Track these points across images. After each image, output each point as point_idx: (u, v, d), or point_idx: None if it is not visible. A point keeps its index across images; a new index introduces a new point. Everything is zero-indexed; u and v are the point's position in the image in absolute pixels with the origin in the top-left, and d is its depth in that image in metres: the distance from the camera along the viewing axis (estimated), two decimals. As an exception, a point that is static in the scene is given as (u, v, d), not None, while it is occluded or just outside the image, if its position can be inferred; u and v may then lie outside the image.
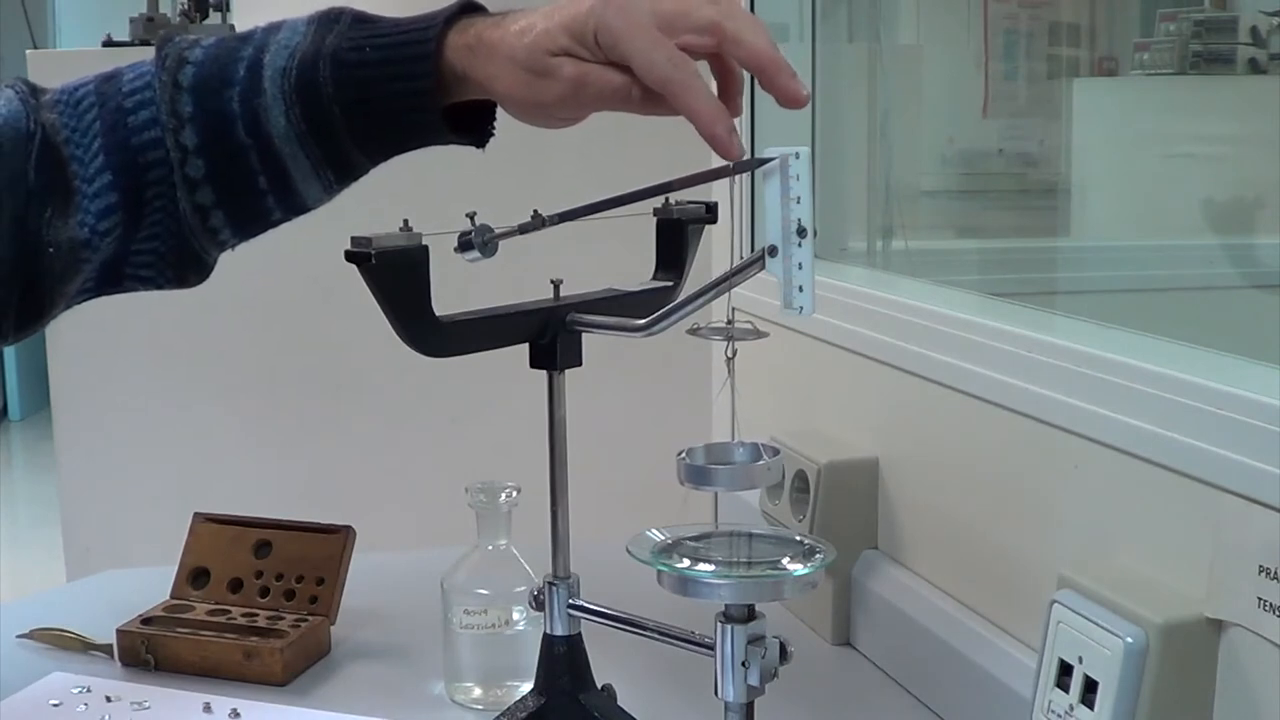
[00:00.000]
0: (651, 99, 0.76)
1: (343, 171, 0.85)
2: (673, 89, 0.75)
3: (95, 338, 1.88)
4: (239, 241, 0.88)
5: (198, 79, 0.83)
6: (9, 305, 0.84)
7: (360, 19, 0.82)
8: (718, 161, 0.76)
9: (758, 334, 0.80)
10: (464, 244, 0.80)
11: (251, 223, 0.87)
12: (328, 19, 0.83)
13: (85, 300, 0.89)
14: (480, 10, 0.82)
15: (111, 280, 0.88)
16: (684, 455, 0.78)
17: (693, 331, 0.81)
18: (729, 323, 0.80)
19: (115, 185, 0.84)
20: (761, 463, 0.78)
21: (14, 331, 0.85)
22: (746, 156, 0.76)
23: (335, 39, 0.81)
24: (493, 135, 0.85)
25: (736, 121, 0.78)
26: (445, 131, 0.82)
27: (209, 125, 0.83)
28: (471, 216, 0.80)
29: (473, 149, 0.85)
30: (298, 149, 0.83)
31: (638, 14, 0.76)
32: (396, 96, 0.80)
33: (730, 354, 0.80)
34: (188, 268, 0.88)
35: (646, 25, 0.75)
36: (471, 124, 0.84)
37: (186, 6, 2.19)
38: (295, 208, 0.86)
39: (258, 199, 0.85)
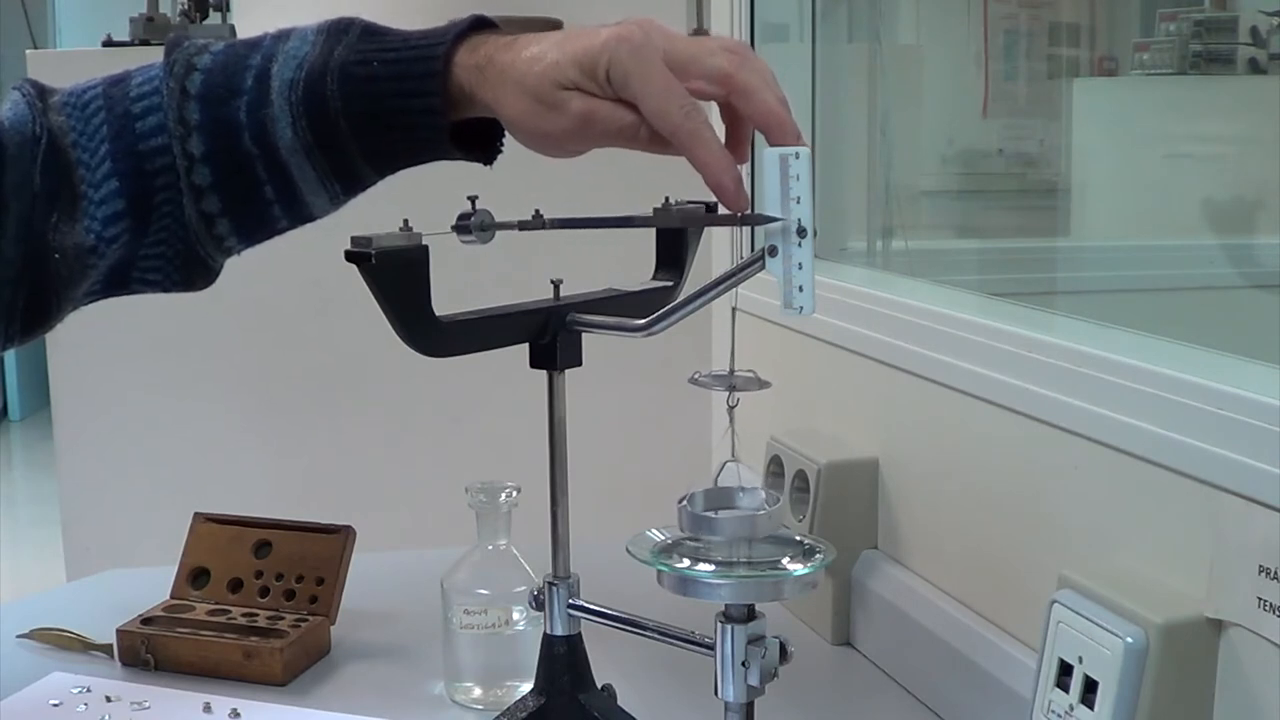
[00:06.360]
0: (659, 140, 0.76)
1: (349, 183, 0.84)
2: (681, 138, 0.74)
3: (95, 338, 1.87)
4: (245, 248, 0.88)
5: (206, 87, 0.83)
6: (15, 309, 0.84)
7: (370, 31, 0.81)
8: None
9: (760, 383, 0.79)
10: (461, 227, 0.79)
11: (257, 231, 0.87)
12: (337, 29, 0.82)
13: (92, 302, 0.89)
14: (493, 27, 0.80)
15: (118, 284, 0.88)
16: (684, 502, 0.78)
17: (694, 381, 0.81)
18: (730, 372, 0.79)
19: (122, 191, 0.83)
20: (763, 511, 0.78)
21: (20, 335, 0.85)
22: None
23: (344, 51, 0.80)
24: (500, 152, 0.85)
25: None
26: (452, 149, 0.81)
27: (216, 134, 0.82)
28: (473, 200, 0.79)
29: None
30: (304, 160, 0.82)
31: (651, 54, 0.74)
32: (403, 112, 0.79)
33: (733, 403, 0.80)
34: (194, 272, 0.88)
35: (659, 68, 0.74)
36: (480, 140, 0.83)
37: (186, 6, 2.19)
38: (302, 217, 0.86)
39: (264, 208, 0.85)
